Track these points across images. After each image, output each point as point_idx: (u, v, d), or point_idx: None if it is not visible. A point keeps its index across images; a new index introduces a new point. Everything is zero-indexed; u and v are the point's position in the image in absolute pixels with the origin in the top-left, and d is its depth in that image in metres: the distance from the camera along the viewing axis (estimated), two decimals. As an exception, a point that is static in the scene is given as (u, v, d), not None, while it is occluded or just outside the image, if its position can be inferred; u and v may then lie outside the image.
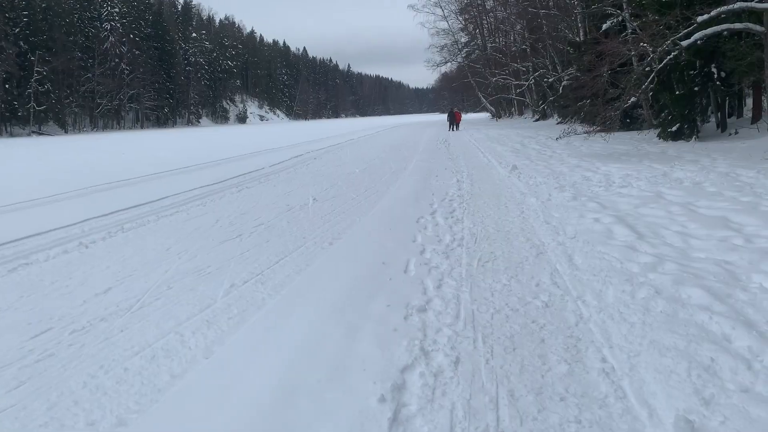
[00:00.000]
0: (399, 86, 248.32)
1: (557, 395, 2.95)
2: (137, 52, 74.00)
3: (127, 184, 12.65)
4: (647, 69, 14.52)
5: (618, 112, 14.98)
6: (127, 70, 72.06)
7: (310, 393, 3.02)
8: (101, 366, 3.46)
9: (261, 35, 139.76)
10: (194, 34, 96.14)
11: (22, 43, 57.89)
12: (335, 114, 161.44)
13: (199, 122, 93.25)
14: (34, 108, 57.95)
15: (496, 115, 57.97)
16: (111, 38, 70.72)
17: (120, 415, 2.90)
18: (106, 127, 72.08)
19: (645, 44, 14.35)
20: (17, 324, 4.19)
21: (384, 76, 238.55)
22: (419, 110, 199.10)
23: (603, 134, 15.81)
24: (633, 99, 15.18)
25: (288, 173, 14.25)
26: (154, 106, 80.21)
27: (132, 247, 6.63)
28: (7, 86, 55.78)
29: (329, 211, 8.44)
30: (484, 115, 67.40)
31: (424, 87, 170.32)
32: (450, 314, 4.13)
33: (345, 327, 3.89)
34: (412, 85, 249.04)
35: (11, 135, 55.95)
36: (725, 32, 13.76)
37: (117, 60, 71.07)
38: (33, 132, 58.19)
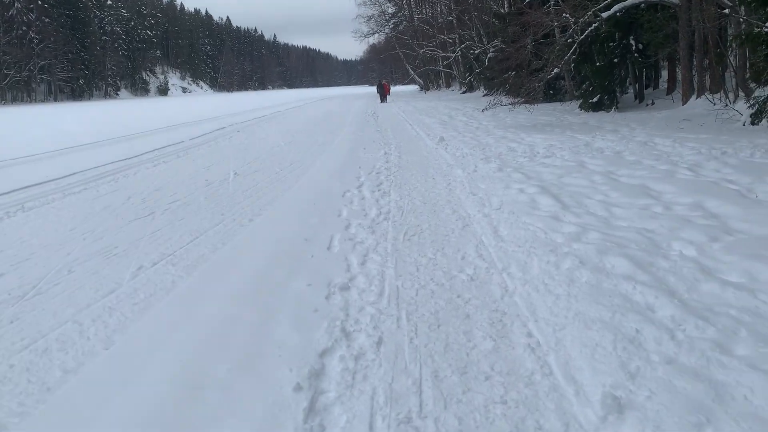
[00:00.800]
0: (327, 58, 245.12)
1: (482, 374, 2.83)
2: (47, 20, 69.50)
3: (30, 160, 11.80)
4: (569, 40, 14.71)
5: (541, 83, 15.16)
6: (36, 39, 67.68)
7: (219, 384, 2.78)
8: (-17, 364, 3.08)
9: (182, 3, 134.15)
10: (109, 2, 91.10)
11: None
12: (262, 86, 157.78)
13: (117, 95, 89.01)
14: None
15: (425, 88, 58.08)
16: (17, 4, 66.03)
17: (1, 419, 2.56)
18: (15, 100, 67.71)
19: (567, 15, 14.50)
20: None
21: (312, 48, 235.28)
22: (348, 82, 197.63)
23: (527, 105, 15.99)
24: (556, 70, 15.38)
25: (209, 147, 13.68)
26: (67, 77, 75.84)
27: (32, 227, 6.11)
28: None
29: (251, 186, 8.08)
30: (413, 88, 67.49)
31: (353, 59, 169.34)
32: (374, 291, 3.95)
33: (261, 309, 3.65)
34: (340, 57, 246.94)
35: None
36: (643, 4, 14.09)
37: (24, 28, 66.57)
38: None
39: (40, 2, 69.28)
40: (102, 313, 3.72)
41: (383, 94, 38.10)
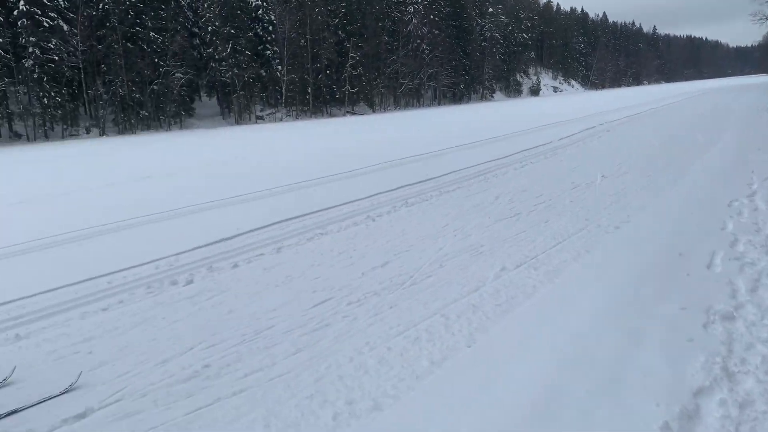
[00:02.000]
0: (715, 46, 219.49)
1: None
2: (436, 32, 77.70)
3: (415, 159, 13.24)
4: None
5: None
6: (427, 50, 76.24)
7: (577, 406, 2.62)
8: (367, 342, 3.51)
9: (558, 4, 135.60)
10: (491, 9, 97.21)
11: (340, 32, 65.14)
12: (636, 81, 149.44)
13: (492, 97, 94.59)
14: (348, 90, 64.96)
15: None
16: (414, 20, 75.35)
17: (377, 398, 2.87)
18: (407, 105, 77.54)
19: None
20: (303, 292, 4.53)
21: (697, 36, 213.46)
22: (741, 72, 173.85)
23: None
24: None
25: (576, 147, 13.43)
26: (450, 83, 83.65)
27: (413, 221, 6.80)
28: (327, 72, 63.45)
29: (618, 190, 7.63)
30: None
31: (748, 45, 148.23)
32: None
33: (625, 330, 3.36)
34: (732, 44, 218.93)
35: (330, 115, 63.67)
36: None
37: (418, 41, 75.57)
38: (347, 112, 65.35)
39: (432, 17, 77.78)
40: (466, 310, 3.90)
41: (787, 84, 32.28)
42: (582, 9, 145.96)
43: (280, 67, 58.26)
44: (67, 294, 4.74)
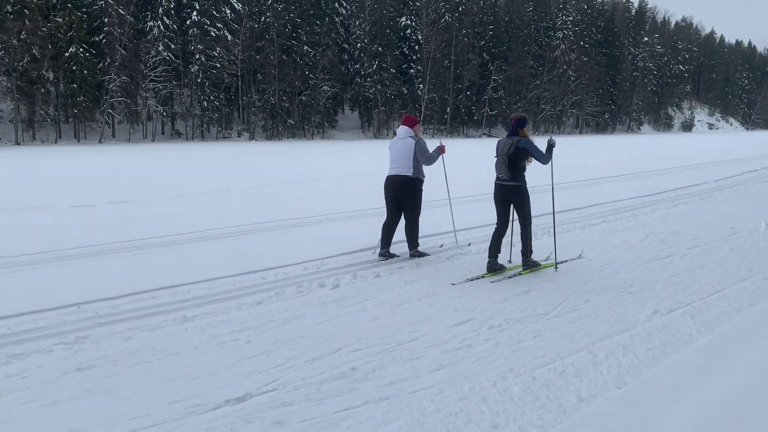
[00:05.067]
0: None
1: None
2: (585, 59, 75.44)
3: (556, 188, 12.90)
4: None
5: None
6: (573, 76, 74.21)
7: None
8: (511, 369, 3.49)
9: (722, 36, 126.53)
10: (645, 38, 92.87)
11: (484, 55, 65.12)
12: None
13: (639, 129, 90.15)
14: (487, 113, 64.75)
15: None
16: (562, 46, 73.70)
17: (522, 426, 2.84)
18: (546, 132, 75.82)
19: None
20: (445, 311, 4.59)
21: None
22: None
23: None
24: None
25: (736, 191, 12.48)
26: (594, 111, 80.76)
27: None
28: (468, 93, 63.63)
29: (788, 242, 7.01)
30: None
31: None
32: None
33: (799, 395, 3.09)
34: None
35: (466, 136, 63.71)
36: None
37: (565, 67, 73.77)
38: (484, 134, 65.10)
39: (582, 43, 75.65)
40: (615, 350, 3.76)
41: None
42: (750, 42, 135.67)
43: (422, 85, 59.30)
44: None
